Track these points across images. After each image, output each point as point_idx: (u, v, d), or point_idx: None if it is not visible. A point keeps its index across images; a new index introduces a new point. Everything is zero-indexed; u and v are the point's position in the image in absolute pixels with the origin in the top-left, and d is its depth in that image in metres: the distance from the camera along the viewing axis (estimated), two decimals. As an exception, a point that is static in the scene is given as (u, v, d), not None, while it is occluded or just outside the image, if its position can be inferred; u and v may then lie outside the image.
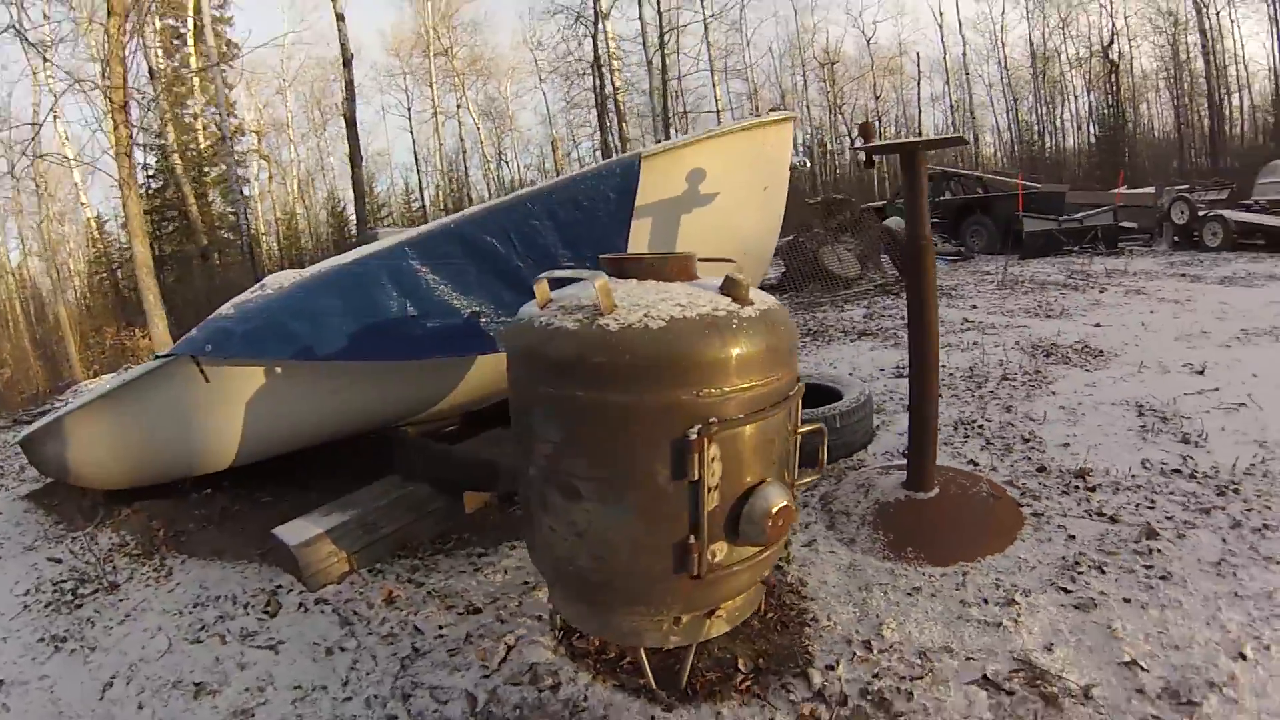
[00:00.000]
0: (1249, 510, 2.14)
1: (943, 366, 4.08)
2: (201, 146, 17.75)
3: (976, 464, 2.69)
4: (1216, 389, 3.22)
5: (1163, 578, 1.84)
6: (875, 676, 1.56)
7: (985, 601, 1.80)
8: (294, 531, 2.39)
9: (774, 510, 1.25)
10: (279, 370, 2.64)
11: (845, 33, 35.80)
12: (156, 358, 2.84)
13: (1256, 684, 1.46)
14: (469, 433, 3.11)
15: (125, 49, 8.28)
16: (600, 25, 21.58)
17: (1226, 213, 8.80)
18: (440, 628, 1.95)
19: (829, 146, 26.90)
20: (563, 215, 2.57)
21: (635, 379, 1.20)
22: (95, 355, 10.11)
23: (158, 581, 2.55)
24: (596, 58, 22.19)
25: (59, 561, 2.83)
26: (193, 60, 15.05)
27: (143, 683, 1.91)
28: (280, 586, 2.33)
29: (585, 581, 1.39)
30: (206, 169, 17.50)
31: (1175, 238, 9.19)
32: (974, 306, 6.06)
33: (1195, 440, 2.68)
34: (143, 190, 18.19)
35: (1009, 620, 1.71)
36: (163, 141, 16.90)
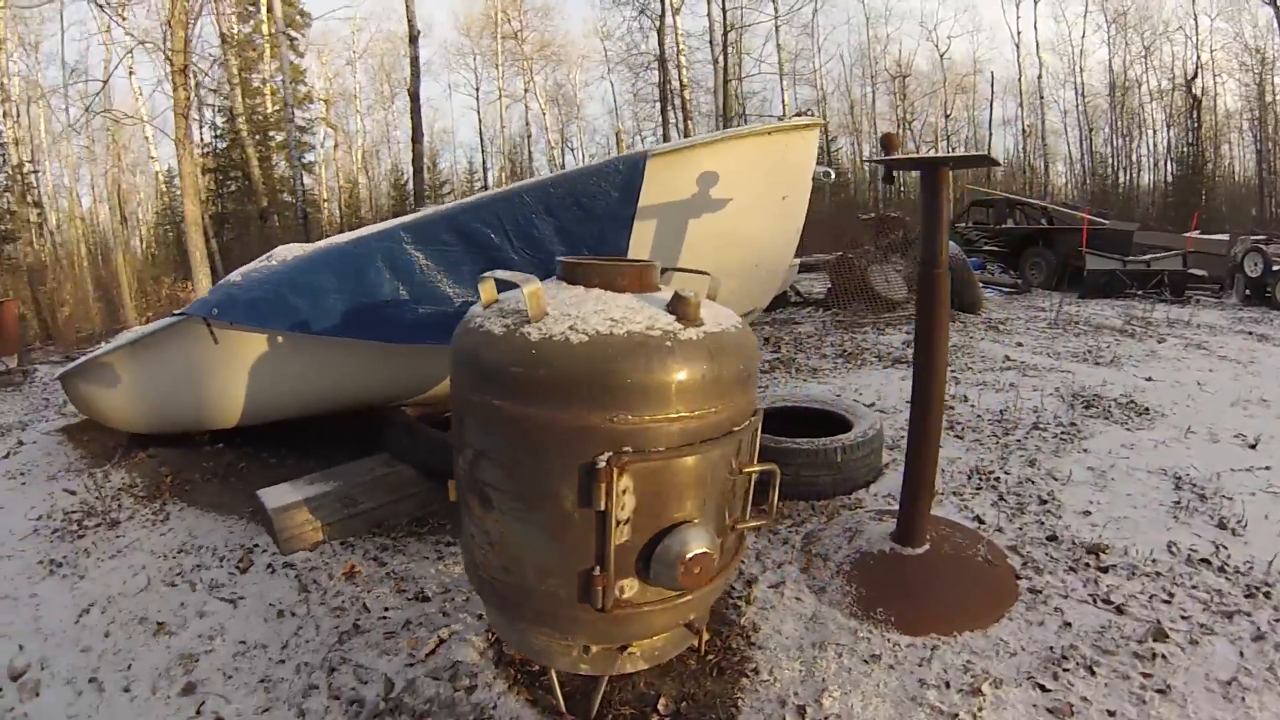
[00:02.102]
0: (1278, 621, 1.85)
1: (971, 406, 3.83)
2: (268, 112, 18.28)
3: (982, 521, 2.46)
4: (1268, 468, 2.89)
5: (1160, 691, 1.59)
6: (799, 750, 1.40)
7: (947, 685, 1.60)
8: (275, 495, 2.46)
9: (688, 556, 1.12)
10: (281, 340, 2.68)
11: (918, 46, 34.76)
12: (174, 315, 2.92)
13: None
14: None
15: (188, 14, 8.55)
16: (666, 20, 21.38)
17: None
18: (386, 610, 1.99)
19: (895, 161, 26.14)
20: (560, 210, 2.48)
21: (548, 394, 1.11)
22: (150, 303, 10.53)
23: (154, 524, 2.68)
24: (662, 52, 22.02)
25: (73, 493, 3.02)
26: (264, 26, 15.50)
27: (115, 614, 2.06)
28: (257, 545, 2.43)
29: (497, 592, 1.33)
30: (272, 134, 18.01)
31: (1247, 291, 8.42)
32: (1019, 344, 5.72)
33: (1233, 527, 2.38)
34: (208, 150, 18.98)
35: (967, 714, 1.52)
36: (229, 104, 17.49)
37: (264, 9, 15.55)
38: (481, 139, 28.79)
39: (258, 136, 17.95)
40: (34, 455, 3.67)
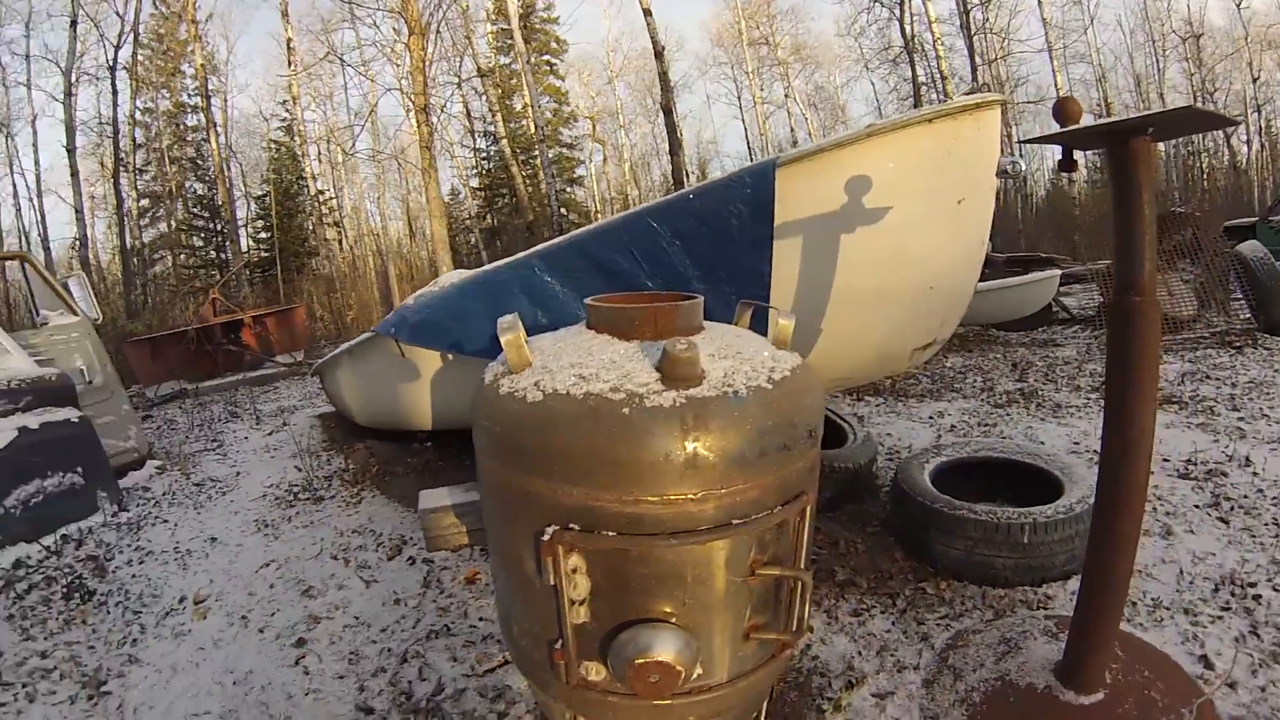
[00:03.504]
0: None
1: (1254, 475, 2.72)
2: (530, 133, 20.62)
3: (1210, 665, 1.68)
4: None
5: None
6: None
7: None
8: (430, 498, 2.68)
9: (639, 661, 0.94)
10: (450, 357, 2.93)
11: (1210, -2, 26.86)
12: (372, 330, 3.39)
13: None
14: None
15: (425, 63, 9.95)
16: (907, 7, 19.51)
17: None
18: (480, 619, 2.06)
19: (1195, 144, 19.99)
20: (688, 231, 2.32)
21: (501, 453, 1.05)
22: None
23: (347, 505, 3.14)
24: (906, 43, 20.19)
25: (300, 470, 3.70)
26: (519, 58, 17.50)
27: (284, 571, 2.48)
28: (411, 539, 2.71)
29: (505, 633, 1.31)
30: (535, 152, 20.27)
31: None
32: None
33: None
34: (476, 171, 21.88)
35: None
36: (493, 128, 20.10)
37: (518, 40, 17.56)
38: (749, 146, 28.40)
39: (522, 157, 20.33)
40: (289, 435, 4.54)
